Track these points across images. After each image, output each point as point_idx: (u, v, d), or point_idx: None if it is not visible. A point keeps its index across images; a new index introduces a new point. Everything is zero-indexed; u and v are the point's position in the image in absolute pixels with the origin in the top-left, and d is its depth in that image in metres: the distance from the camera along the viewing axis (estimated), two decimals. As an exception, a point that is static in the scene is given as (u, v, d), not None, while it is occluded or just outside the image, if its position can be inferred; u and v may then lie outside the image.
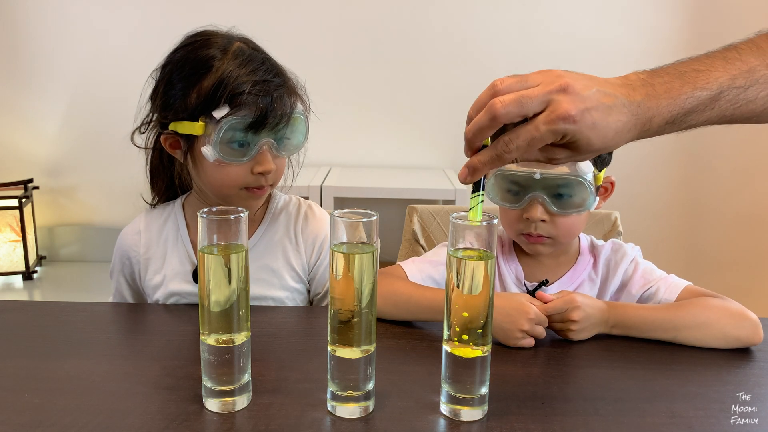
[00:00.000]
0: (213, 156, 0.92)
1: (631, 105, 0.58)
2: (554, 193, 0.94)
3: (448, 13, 2.29)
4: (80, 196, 2.41)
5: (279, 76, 0.96)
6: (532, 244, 1.00)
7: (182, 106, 0.94)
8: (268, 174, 0.96)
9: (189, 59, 0.95)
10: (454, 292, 0.64)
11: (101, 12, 2.27)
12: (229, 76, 0.91)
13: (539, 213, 0.95)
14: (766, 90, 0.60)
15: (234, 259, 0.65)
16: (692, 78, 0.60)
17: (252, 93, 0.91)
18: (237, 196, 0.99)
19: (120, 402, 0.68)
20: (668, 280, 0.98)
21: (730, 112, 0.61)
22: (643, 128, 0.59)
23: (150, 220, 1.09)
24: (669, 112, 0.59)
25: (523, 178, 0.93)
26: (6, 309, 0.98)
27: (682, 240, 2.44)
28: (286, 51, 1.07)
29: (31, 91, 2.33)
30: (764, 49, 0.61)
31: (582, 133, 0.56)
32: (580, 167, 0.92)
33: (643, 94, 0.58)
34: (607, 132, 0.57)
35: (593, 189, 0.93)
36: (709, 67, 0.60)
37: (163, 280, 1.05)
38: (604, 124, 0.56)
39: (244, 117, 0.91)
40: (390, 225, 2.12)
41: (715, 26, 2.29)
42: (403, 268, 1.03)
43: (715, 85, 0.59)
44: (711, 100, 0.59)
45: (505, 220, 1.02)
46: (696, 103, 0.59)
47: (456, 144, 2.36)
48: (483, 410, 0.67)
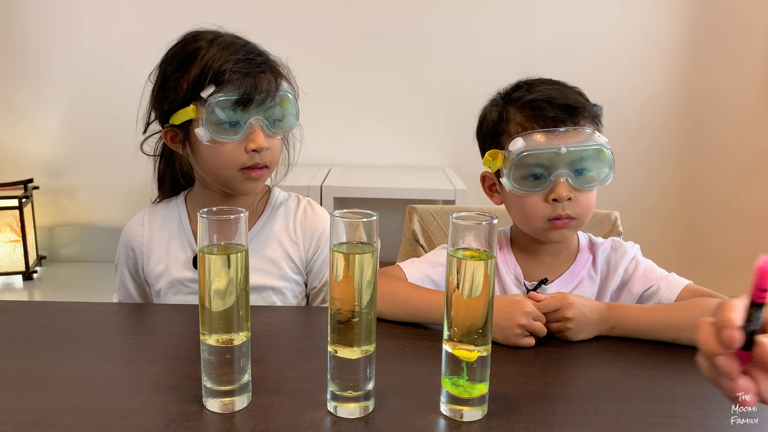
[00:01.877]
0: (206, 137, 0.97)
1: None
2: (576, 169, 0.95)
3: (449, 12, 2.29)
4: (80, 196, 2.41)
5: (262, 55, 1.01)
6: (559, 229, 0.97)
7: (175, 97, 0.98)
8: (262, 151, 0.99)
9: (178, 54, 1.00)
10: (454, 292, 0.64)
11: (101, 12, 2.27)
12: (212, 59, 0.96)
13: (566, 190, 0.94)
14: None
15: (234, 259, 0.65)
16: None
17: (235, 71, 0.96)
18: (235, 179, 1.02)
19: (120, 402, 0.68)
20: (669, 279, 0.98)
21: None
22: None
23: (153, 212, 1.13)
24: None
25: (549, 156, 0.93)
26: (6, 309, 0.98)
27: (682, 240, 2.44)
28: (286, 51, 1.07)
29: (31, 91, 2.33)
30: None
31: None
32: (596, 137, 0.94)
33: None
34: None
35: (612, 160, 0.95)
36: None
37: (166, 268, 1.08)
38: None
39: (230, 94, 0.95)
40: (390, 225, 2.12)
41: (716, 26, 2.29)
42: (402, 269, 1.03)
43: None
44: None
45: (527, 211, 0.98)
46: None
47: (456, 144, 2.37)
48: (483, 410, 0.67)
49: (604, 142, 0.95)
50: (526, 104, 0.97)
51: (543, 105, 0.96)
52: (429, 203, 1.44)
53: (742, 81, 2.32)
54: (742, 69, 2.31)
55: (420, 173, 2.27)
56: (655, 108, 2.34)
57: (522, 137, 0.94)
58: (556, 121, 0.95)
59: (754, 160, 2.37)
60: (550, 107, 0.95)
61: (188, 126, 0.99)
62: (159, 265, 1.09)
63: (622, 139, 2.32)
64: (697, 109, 2.35)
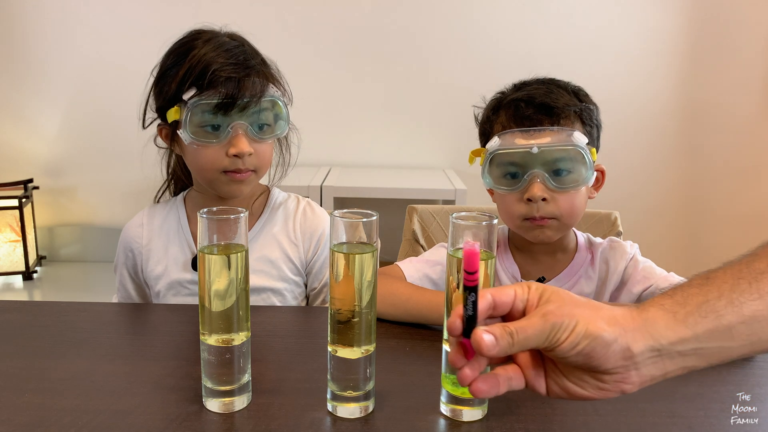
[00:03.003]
0: (187, 139, 0.97)
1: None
2: (553, 169, 0.94)
3: (449, 12, 2.29)
4: (80, 196, 2.41)
5: (251, 59, 0.99)
6: (537, 228, 0.98)
7: (167, 95, 0.98)
8: (243, 156, 0.98)
9: (175, 51, 1.00)
10: (454, 292, 0.64)
11: (101, 12, 2.27)
12: (199, 61, 0.95)
13: (540, 190, 0.94)
14: None
15: (234, 259, 0.65)
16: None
17: (218, 74, 0.94)
18: (219, 181, 1.01)
19: (120, 402, 0.68)
20: (668, 279, 0.98)
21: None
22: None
23: (152, 214, 1.13)
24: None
25: (521, 155, 0.94)
26: (6, 309, 0.97)
27: (682, 240, 2.44)
28: (286, 51, 1.07)
29: (31, 91, 2.33)
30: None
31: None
32: (575, 138, 0.93)
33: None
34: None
35: (590, 162, 0.94)
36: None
37: (165, 270, 1.08)
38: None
39: (210, 98, 0.94)
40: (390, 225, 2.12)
41: (716, 26, 2.29)
42: (401, 268, 1.03)
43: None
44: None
45: (505, 210, 1.00)
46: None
47: (456, 144, 2.37)
48: (483, 410, 0.67)
49: (583, 144, 0.93)
50: (509, 103, 0.99)
51: (521, 105, 0.97)
52: (429, 203, 1.44)
53: (743, 81, 2.32)
54: (742, 69, 2.31)
55: (420, 173, 2.27)
56: (656, 108, 2.34)
57: (499, 136, 0.95)
58: (533, 120, 0.95)
59: (754, 160, 2.38)
60: (529, 107, 0.96)
61: (176, 126, 0.99)
62: (158, 267, 1.08)
63: (623, 139, 2.32)
64: (697, 109, 2.35)
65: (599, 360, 0.50)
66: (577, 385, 0.52)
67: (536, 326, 0.50)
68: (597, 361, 0.50)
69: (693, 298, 0.51)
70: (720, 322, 0.50)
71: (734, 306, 0.50)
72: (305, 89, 1.08)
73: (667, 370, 0.52)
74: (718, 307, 0.50)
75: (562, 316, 0.50)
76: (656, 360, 0.51)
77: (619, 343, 0.49)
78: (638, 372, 0.51)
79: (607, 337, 0.49)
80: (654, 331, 0.50)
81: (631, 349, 0.50)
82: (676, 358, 0.51)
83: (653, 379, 0.52)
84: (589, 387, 0.52)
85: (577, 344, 0.49)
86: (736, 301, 0.50)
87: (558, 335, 0.49)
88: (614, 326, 0.50)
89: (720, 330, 0.50)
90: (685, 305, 0.51)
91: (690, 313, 0.51)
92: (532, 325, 0.50)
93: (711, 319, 0.50)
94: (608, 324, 0.50)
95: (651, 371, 0.51)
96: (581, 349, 0.49)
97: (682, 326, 0.50)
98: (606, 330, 0.49)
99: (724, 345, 0.51)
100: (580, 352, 0.49)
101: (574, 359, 0.50)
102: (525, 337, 0.50)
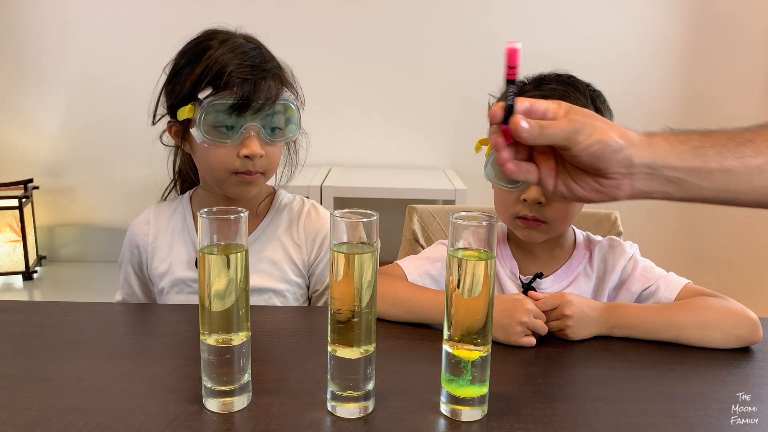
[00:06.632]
0: (199, 138, 0.97)
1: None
2: None
3: (449, 12, 2.28)
4: (80, 196, 2.41)
5: (267, 62, 1.00)
6: (526, 229, 0.99)
7: (179, 93, 0.99)
8: (254, 158, 0.98)
9: (190, 50, 1.00)
10: (455, 292, 0.64)
11: (101, 12, 2.27)
12: (215, 61, 0.96)
13: (537, 194, 0.95)
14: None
15: (234, 259, 0.65)
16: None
17: (234, 76, 0.95)
18: (228, 181, 1.01)
19: (120, 402, 0.68)
20: (668, 279, 0.98)
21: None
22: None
23: (159, 211, 1.13)
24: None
25: None
26: (6, 309, 0.97)
27: (682, 240, 2.44)
28: (286, 51, 1.07)
29: (31, 91, 2.33)
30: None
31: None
32: None
33: None
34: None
35: None
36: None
37: (169, 267, 1.08)
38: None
39: (226, 98, 0.95)
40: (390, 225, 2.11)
41: (716, 26, 2.29)
42: (401, 267, 1.03)
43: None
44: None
45: (500, 204, 1.02)
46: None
47: (456, 144, 2.37)
48: (483, 410, 0.67)
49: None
50: None
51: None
52: (429, 203, 1.44)
53: (743, 80, 2.32)
54: (742, 69, 2.31)
55: (420, 173, 2.27)
56: (656, 108, 2.34)
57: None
58: None
59: (754, 160, 2.37)
60: None
61: (188, 124, 1.00)
62: (163, 264, 1.09)
63: (622, 139, 2.32)
64: (697, 109, 2.35)
65: (605, 163, 0.62)
66: (580, 186, 0.65)
67: (562, 125, 0.61)
68: (603, 164, 0.62)
69: (692, 141, 0.64)
70: (705, 164, 0.63)
71: (720, 157, 0.63)
72: (305, 89, 1.07)
73: (653, 189, 0.64)
74: (708, 154, 0.63)
75: (584, 124, 0.61)
76: (647, 176, 0.63)
77: (624, 153, 0.62)
78: (631, 182, 0.63)
79: (615, 145, 0.61)
80: (654, 153, 0.63)
81: (632, 159, 0.62)
82: (663, 182, 0.63)
83: (640, 193, 0.64)
84: (589, 189, 0.64)
85: (590, 146, 0.61)
86: (722, 155, 0.63)
87: (577, 137, 0.61)
88: (624, 139, 0.62)
89: (703, 171, 0.63)
90: (684, 144, 0.64)
91: (686, 150, 0.63)
92: (559, 125, 0.61)
93: (699, 161, 0.63)
94: (619, 136, 0.62)
95: (640, 185, 0.64)
96: (594, 151, 0.61)
97: (676, 157, 0.63)
98: (616, 140, 0.61)
99: (701, 184, 0.64)
100: (592, 154, 0.61)
101: (585, 159, 0.62)
102: (551, 132, 0.61)
